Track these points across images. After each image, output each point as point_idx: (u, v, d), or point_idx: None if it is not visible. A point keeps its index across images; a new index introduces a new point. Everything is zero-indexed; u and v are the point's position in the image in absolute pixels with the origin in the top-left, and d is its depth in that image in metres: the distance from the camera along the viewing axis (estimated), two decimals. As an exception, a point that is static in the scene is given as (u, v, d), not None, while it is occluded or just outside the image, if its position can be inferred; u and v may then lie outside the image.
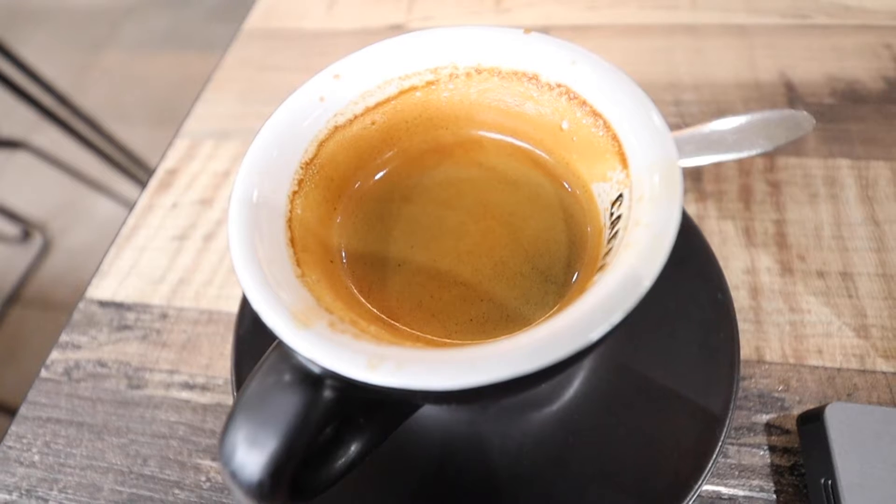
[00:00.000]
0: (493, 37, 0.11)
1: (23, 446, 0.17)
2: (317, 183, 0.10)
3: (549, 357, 0.06)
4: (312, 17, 0.28)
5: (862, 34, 0.23)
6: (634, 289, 0.07)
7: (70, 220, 1.40)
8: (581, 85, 0.10)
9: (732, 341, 0.13)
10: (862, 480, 0.12)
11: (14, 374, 1.13)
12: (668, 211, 0.08)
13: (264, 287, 0.08)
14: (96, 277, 0.20)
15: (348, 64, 0.10)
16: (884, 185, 0.18)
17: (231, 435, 0.08)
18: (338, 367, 0.07)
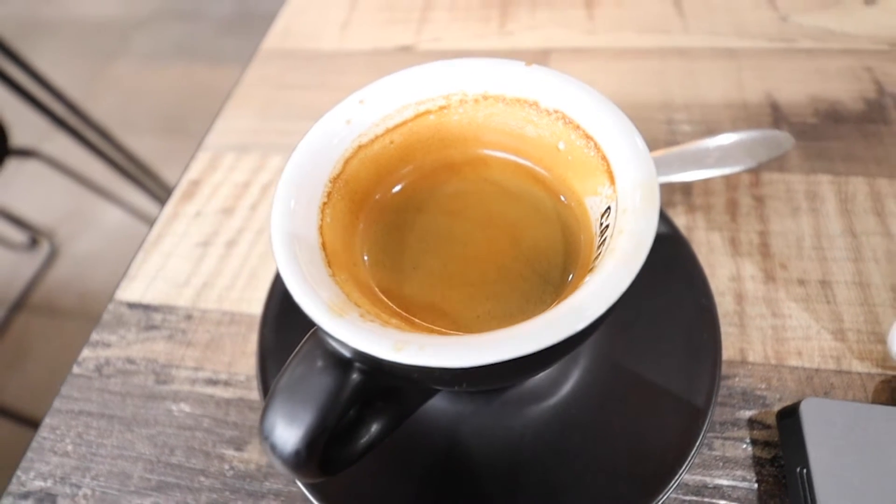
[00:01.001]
0: (498, 68, 0.12)
1: (56, 437, 0.18)
2: (343, 195, 0.12)
3: (547, 341, 0.08)
4: (327, 39, 0.30)
5: (844, 58, 0.25)
6: (617, 287, 0.08)
7: (77, 228, 1.42)
8: (575, 111, 0.11)
9: (715, 342, 0.14)
10: (833, 469, 0.13)
11: (19, 379, 1.14)
12: (647, 222, 0.09)
13: (304, 284, 0.09)
14: (125, 281, 0.22)
15: (371, 91, 0.12)
16: (862, 200, 0.20)
17: (272, 412, 0.10)
18: (369, 348, 0.08)
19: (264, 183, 0.24)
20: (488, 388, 0.12)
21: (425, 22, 0.30)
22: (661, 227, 0.17)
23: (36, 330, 1.26)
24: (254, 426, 0.17)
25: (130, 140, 1.00)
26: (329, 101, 0.28)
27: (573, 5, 0.29)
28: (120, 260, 1.50)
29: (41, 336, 1.24)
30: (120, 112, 1.49)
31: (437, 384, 0.10)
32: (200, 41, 1.68)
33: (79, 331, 1.20)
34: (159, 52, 1.67)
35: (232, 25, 1.70)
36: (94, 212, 1.42)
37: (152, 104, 1.53)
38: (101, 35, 1.74)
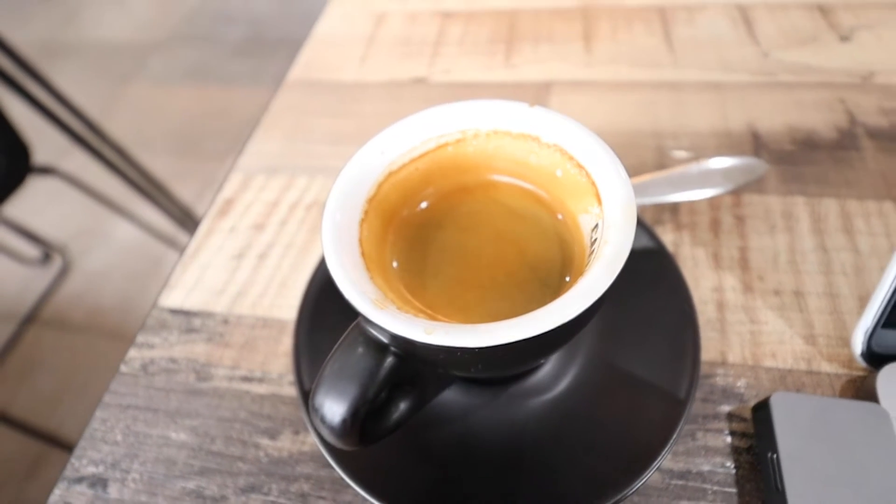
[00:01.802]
0: (506, 108, 0.15)
1: (107, 428, 0.20)
2: (377, 213, 0.14)
3: (546, 326, 0.10)
4: (347, 70, 0.33)
5: (820, 90, 0.28)
6: (601, 286, 0.11)
7: (90, 244, 1.45)
8: (570, 145, 0.14)
9: (694, 343, 0.17)
10: (799, 454, 0.15)
11: (28, 392, 1.16)
12: (627, 234, 0.12)
13: (351, 284, 0.12)
14: (166, 289, 0.24)
15: (402, 126, 0.15)
16: (833, 219, 0.22)
17: (322, 388, 0.12)
18: (405, 332, 0.11)
19: (292, 202, 0.26)
20: (499, 370, 0.14)
21: (437, 56, 0.33)
22: (649, 244, 0.20)
23: (46, 343, 1.28)
24: (286, 418, 0.19)
25: (145, 158, 1.04)
26: (349, 127, 0.31)
27: (572, 41, 0.32)
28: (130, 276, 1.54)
29: (51, 349, 1.26)
30: (135, 131, 1.54)
31: (457, 365, 0.12)
32: (214, 64, 1.74)
33: (88, 345, 1.22)
34: (174, 74, 1.73)
35: (244, 49, 1.77)
36: (107, 228, 1.46)
37: (166, 124, 1.58)
38: (118, 57, 1.81)
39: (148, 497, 0.18)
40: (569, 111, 0.28)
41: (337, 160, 0.28)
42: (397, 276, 0.14)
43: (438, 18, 0.35)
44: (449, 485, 0.15)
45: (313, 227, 0.25)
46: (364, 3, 0.38)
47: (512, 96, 0.30)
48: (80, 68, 1.78)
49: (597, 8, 0.34)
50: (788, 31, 0.31)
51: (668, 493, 0.16)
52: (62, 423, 1.06)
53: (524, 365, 0.14)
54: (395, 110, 0.30)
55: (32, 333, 1.26)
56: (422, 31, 0.35)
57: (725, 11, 0.33)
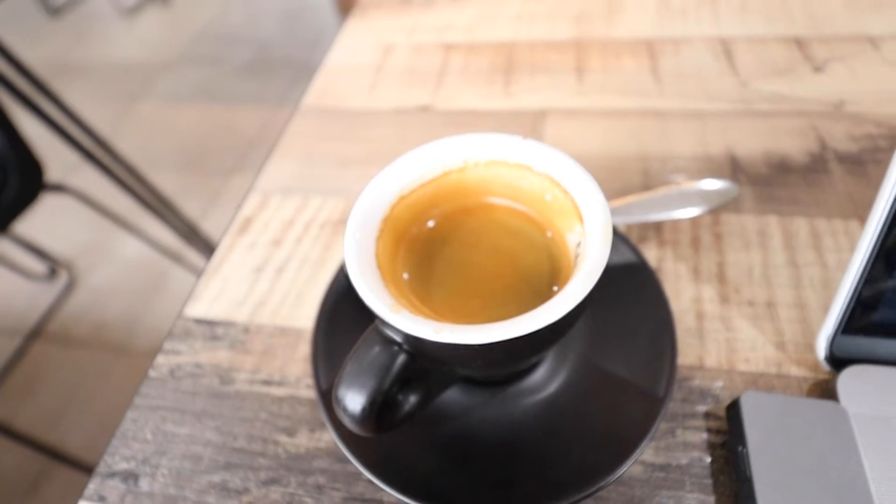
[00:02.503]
0: (503, 141, 0.17)
1: (137, 427, 0.22)
2: (390, 231, 0.16)
3: (536, 326, 0.12)
4: (357, 98, 0.36)
5: (794, 118, 0.30)
6: (582, 292, 0.13)
7: (96, 259, 1.47)
8: (557, 173, 0.16)
9: (672, 347, 0.19)
10: (766, 447, 0.17)
11: (31, 406, 1.17)
12: (604, 249, 0.14)
13: (370, 291, 0.14)
14: (191, 301, 0.26)
15: (413, 156, 0.17)
16: (803, 237, 0.24)
17: (345, 382, 0.14)
18: (417, 332, 0.13)
19: (306, 220, 0.29)
20: (497, 366, 0.16)
21: (441, 85, 0.35)
22: (633, 260, 0.22)
23: (50, 358, 1.30)
24: (303, 417, 0.21)
25: (152, 175, 1.08)
26: (359, 152, 0.33)
27: (566, 71, 0.35)
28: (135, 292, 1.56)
29: (55, 364, 1.28)
30: (143, 149, 1.58)
31: (461, 361, 0.14)
32: (220, 84, 1.80)
33: (92, 360, 1.24)
34: (181, 93, 1.78)
35: (250, 70, 1.83)
36: (113, 244, 1.48)
37: (173, 142, 1.62)
38: (127, 77, 1.87)
39: (176, 490, 0.20)
40: (562, 137, 0.31)
41: (347, 182, 0.30)
42: (408, 286, 0.16)
43: (442, 50, 0.38)
44: (452, 474, 0.17)
45: (326, 243, 0.27)
46: (372, 35, 0.41)
47: (510, 123, 0.32)
48: (90, 87, 1.83)
49: (589, 41, 0.37)
50: (766, 62, 0.34)
51: (650, 484, 0.18)
52: (64, 438, 1.07)
53: (519, 361, 0.16)
54: (401, 136, 0.33)
55: (37, 348, 1.28)
56: (426, 62, 0.37)
57: (708, 45, 0.35)
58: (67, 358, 1.28)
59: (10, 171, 0.89)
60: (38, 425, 1.09)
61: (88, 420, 1.12)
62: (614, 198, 0.27)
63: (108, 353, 1.26)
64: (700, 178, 0.27)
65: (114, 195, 1.14)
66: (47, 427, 1.09)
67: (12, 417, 1.09)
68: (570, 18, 0.39)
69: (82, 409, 1.15)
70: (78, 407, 1.16)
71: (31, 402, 1.17)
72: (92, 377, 1.22)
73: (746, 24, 0.37)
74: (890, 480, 0.17)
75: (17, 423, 1.08)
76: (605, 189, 0.27)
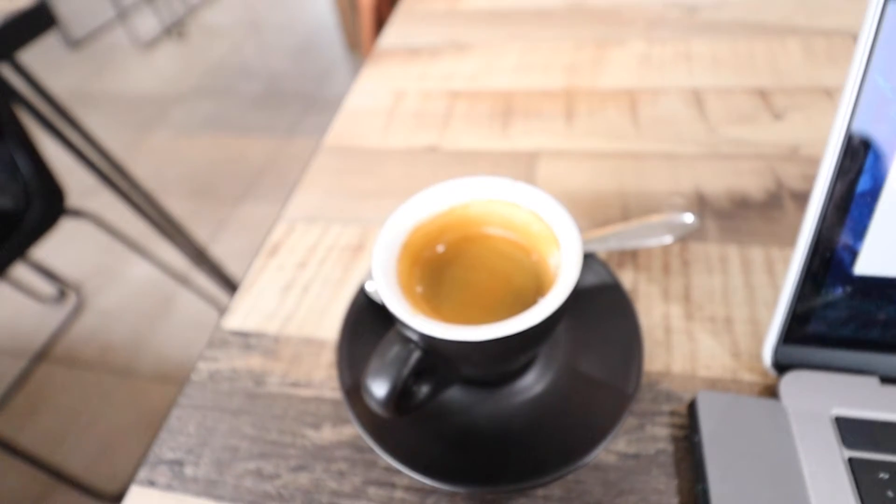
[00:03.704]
0: (498, 184, 0.22)
1: (182, 424, 0.26)
2: (407, 255, 0.21)
3: (521, 326, 0.16)
4: (372, 139, 0.41)
5: (755, 160, 0.35)
6: (554, 304, 0.17)
7: (105, 282, 1.51)
8: (540, 210, 0.21)
9: (639, 355, 0.23)
10: (716, 437, 0.21)
11: (34, 427, 1.19)
12: (575, 269, 0.18)
13: (394, 299, 0.18)
14: (227, 315, 0.30)
15: (426, 195, 0.21)
16: (758, 263, 0.29)
17: (371, 372, 0.18)
18: (430, 331, 0.17)
19: (328, 245, 0.33)
20: (493, 361, 0.20)
21: (446, 128, 0.41)
22: (609, 282, 0.26)
23: (55, 380, 1.32)
24: (326, 414, 0.25)
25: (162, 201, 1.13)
26: (374, 186, 0.38)
27: (556, 118, 0.40)
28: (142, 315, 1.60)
29: (60, 386, 1.30)
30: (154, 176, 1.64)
31: (464, 355, 0.18)
32: (231, 115, 1.88)
33: (96, 382, 1.26)
34: (194, 123, 1.87)
35: (260, 102, 1.92)
36: (122, 267, 1.52)
37: (184, 170, 1.69)
38: (142, 107, 1.96)
39: (217, 475, 0.24)
40: (553, 175, 0.36)
41: (363, 212, 0.35)
42: (422, 298, 0.20)
43: (447, 96, 0.44)
44: (457, 457, 0.21)
45: (346, 266, 0.32)
46: (385, 82, 0.46)
47: (507, 162, 0.37)
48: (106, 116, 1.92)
49: (578, 90, 0.42)
50: (732, 111, 0.39)
51: (623, 470, 0.22)
52: (66, 459, 1.09)
53: (510, 355, 0.20)
54: (411, 173, 0.37)
55: (42, 370, 1.30)
56: (434, 107, 0.43)
57: (682, 95, 0.41)
58: (72, 380, 1.30)
59: (34, 196, 0.95)
60: (40, 446, 1.10)
61: (91, 442, 1.14)
62: (597, 228, 0.31)
63: (113, 376, 1.29)
64: (670, 212, 0.32)
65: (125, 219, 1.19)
66: (49, 448, 1.10)
67: (15, 438, 1.10)
68: (561, 70, 0.45)
69: (85, 431, 1.17)
70: (80, 429, 1.18)
71: (34, 423, 1.19)
72: (95, 399, 1.24)
73: (716, 77, 0.42)
74: (818, 462, 0.20)
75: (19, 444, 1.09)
76: (589, 220, 0.32)
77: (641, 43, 0.47)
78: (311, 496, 0.23)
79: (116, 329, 1.33)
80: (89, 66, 2.25)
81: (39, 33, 0.79)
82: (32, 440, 1.09)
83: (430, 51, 0.49)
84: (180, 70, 2.15)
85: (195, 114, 1.88)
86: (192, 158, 1.70)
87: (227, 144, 1.75)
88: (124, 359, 1.27)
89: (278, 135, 1.76)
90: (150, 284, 1.39)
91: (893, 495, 0.19)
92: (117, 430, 1.13)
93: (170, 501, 0.23)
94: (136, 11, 2.55)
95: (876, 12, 0.18)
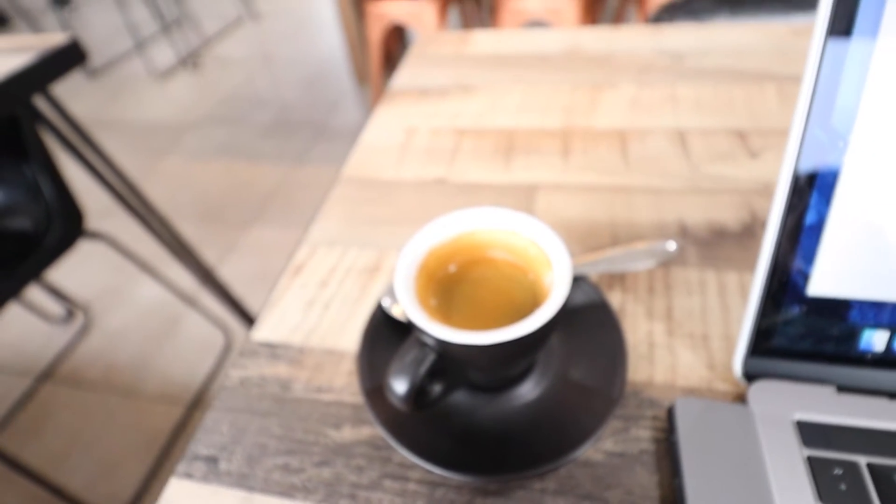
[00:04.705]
0: (500, 214, 0.26)
1: (215, 424, 0.29)
2: (423, 274, 0.24)
3: (519, 333, 0.20)
4: (386, 171, 0.45)
5: (732, 194, 0.39)
6: (546, 316, 0.21)
7: (112, 303, 1.54)
8: (536, 236, 0.25)
9: (623, 364, 0.26)
10: (691, 438, 0.24)
11: (38, 446, 1.20)
12: (564, 286, 0.22)
13: (413, 309, 0.21)
14: (255, 328, 0.34)
15: (438, 224, 0.25)
16: (733, 287, 0.32)
17: (393, 372, 0.21)
18: (444, 336, 0.20)
19: (346, 267, 0.37)
20: (497, 363, 0.23)
21: (454, 162, 0.45)
22: (598, 301, 0.30)
23: (59, 400, 1.34)
24: (347, 416, 0.28)
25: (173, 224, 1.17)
26: (388, 214, 0.42)
27: (553, 154, 0.44)
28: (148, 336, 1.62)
29: (64, 406, 1.31)
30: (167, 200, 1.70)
31: (471, 357, 0.22)
32: (242, 143, 1.96)
33: (100, 402, 1.28)
34: (205, 150, 1.94)
35: (270, 130, 1.99)
36: (130, 288, 1.56)
37: (195, 195, 1.75)
38: (156, 134, 2.04)
39: (248, 469, 0.27)
40: (550, 206, 0.40)
41: (379, 238, 0.39)
42: (436, 310, 0.24)
43: (455, 134, 0.48)
44: (463, 451, 0.24)
45: (363, 286, 0.35)
46: (398, 120, 0.51)
47: (508, 194, 0.41)
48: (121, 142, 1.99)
49: (573, 130, 0.47)
50: (713, 150, 0.43)
51: (610, 466, 0.25)
52: (68, 478, 1.09)
53: (511, 358, 0.23)
54: (422, 202, 0.41)
55: (47, 389, 1.32)
56: (442, 143, 0.47)
57: (668, 135, 0.45)
58: (76, 400, 1.32)
59: (55, 218, 0.99)
60: (42, 465, 1.11)
61: (92, 462, 1.15)
62: (589, 253, 0.35)
63: (116, 396, 1.30)
64: (655, 240, 0.35)
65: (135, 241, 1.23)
66: (52, 467, 1.11)
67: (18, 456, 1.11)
68: (559, 111, 0.50)
69: (87, 451, 1.18)
70: (82, 449, 1.19)
71: (37, 442, 1.20)
72: (98, 420, 1.25)
73: (699, 119, 0.47)
74: (781, 459, 0.23)
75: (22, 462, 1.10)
76: (582, 246, 0.36)
77: (632, 87, 0.52)
78: (333, 488, 0.26)
79: (122, 350, 1.35)
80: (107, 94, 2.34)
81: (71, 67, 0.86)
82: (35, 459, 1.10)
83: (439, 92, 0.55)
84: (194, 99, 2.24)
85: (207, 141, 1.96)
86: (203, 183, 1.76)
87: (238, 171, 1.81)
88: (128, 379, 1.29)
89: (287, 162, 1.83)
90: (157, 306, 1.42)
91: (845, 488, 0.22)
92: (119, 451, 1.14)
93: (206, 492, 0.26)
94: (153, 43, 2.67)
95: (812, 75, 0.22)
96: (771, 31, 0.57)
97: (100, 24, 3.06)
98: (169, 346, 1.34)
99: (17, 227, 1.01)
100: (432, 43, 0.64)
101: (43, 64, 0.79)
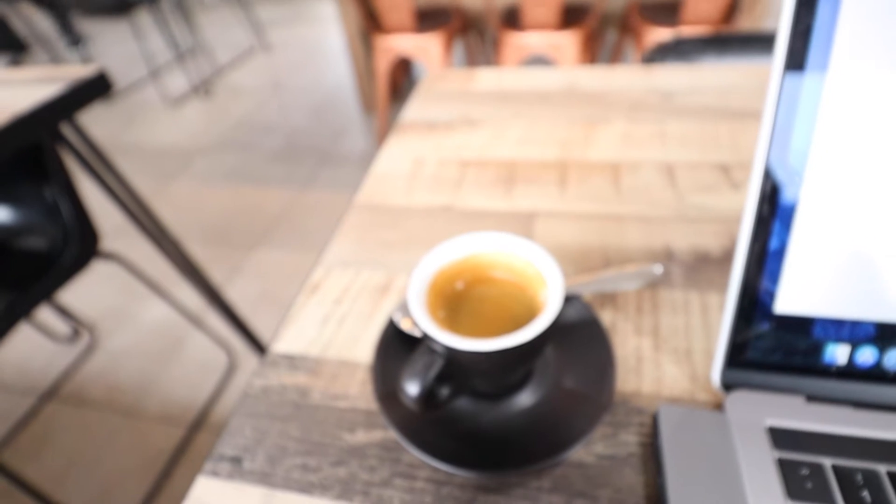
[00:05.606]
0: (500, 238, 0.29)
1: (239, 428, 0.32)
2: (432, 291, 0.28)
3: (517, 341, 0.23)
4: (396, 198, 0.49)
5: (715, 223, 0.42)
6: (540, 328, 0.24)
7: (118, 322, 1.57)
8: (533, 258, 0.28)
9: (612, 375, 0.29)
10: (673, 442, 0.27)
11: (40, 465, 1.21)
12: (557, 301, 0.25)
13: (425, 320, 0.25)
14: (275, 341, 0.37)
15: (446, 247, 0.29)
16: (715, 307, 0.35)
17: (406, 376, 0.24)
18: (452, 343, 0.23)
19: (359, 286, 0.40)
20: (498, 369, 0.26)
21: (459, 190, 0.49)
22: (590, 319, 0.33)
23: (61, 419, 1.35)
24: (360, 421, 0.31)
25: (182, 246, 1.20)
26: (398, 238, 0.46)
27: (551, 184, 0.48)
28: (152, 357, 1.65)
29: (65, 426, 1.32)
30: (175, 223, 1.74)
31: (475, 363, 0.25)
32: (251, 168, 2.02)
33: (102, 422, 1.29)
34: (215, 174, 2.00)
35: (280, 156, 2.06)
36: (136, 308, 1.58)
37: (203, 218, 1.80)
38: (167, 158, 2.10)
39: (270, 468, 0.30)
40: (548, 232, 0.43)
41: (389, 260, 0.42)
42: (444, 322, 0.27)
43: (460, 164, 0.52)
44: (468, 451, 0.27)
45: (374, 303, 0.39)
46: (407, 151, 0.55)
47: (509, 221, 0.45)
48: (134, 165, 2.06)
49: (569, 162, 0.51)
50: (698, 181, 0.47)
51: (600, 468, 0.28)
52: (69, 497, 1.10)
53: (510, 365, 0.26)
54: (430, 228, 0.45)
55: (50, 408, 1.33)
56: (448, 173, 0.51)
57: (657, 167, 0.49)
58: (78, 419, 1.33)
59: (72, 239, 1.03)
60: (43, 484, 1.12)
61: (93, 482, 1.15)
62: (583, 274, 0.38)
63: (118, 416, 1.31)
64: (643, 263, 0.39)
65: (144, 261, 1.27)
66: (53, 486, 1.12)
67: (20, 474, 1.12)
68: (556, 144, 0.54)
69: (88, 470, 1.18)
70: (84, 468, 1.19)
71: (39, 460, 1.20)
72: (100, 440, 1.26)
73: (686, 153, 0.51)
74: (753, 460, 0.26)
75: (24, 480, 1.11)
76: (576, 268, 0.39)
77: (624, 123, 0.56)
78: (348, 485, 0.28)
79: (125, 369, 1.37)
80: (121, 119, 2.43)
81: (97, 97, 0.91)
82: (36, 477, 1.11)
83: (445, 125, 0.59)
84: (205, 125, 2.32)
85: (217, 165, 2.02)
86: (212, 207, 1.81)
87: (245, 194, 1.87)
88: (131, 400, 1.31)
89: (294, 187, 1.88)
90: (162, 326, 1.45)
91: (812, 486, 0.25)
92: (120, 471, 1.14)
93: (230, 489, 0.29)
94: (167, 70, 2.78)
95: (768, 124, 0.26)
96: (754, 72, 0.62)
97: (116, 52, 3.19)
98: (172, 366, 1.36)
99: (32, 247, 1.05)
100: (439, 80, 0.69)
101: (72, 94, 0.85)
